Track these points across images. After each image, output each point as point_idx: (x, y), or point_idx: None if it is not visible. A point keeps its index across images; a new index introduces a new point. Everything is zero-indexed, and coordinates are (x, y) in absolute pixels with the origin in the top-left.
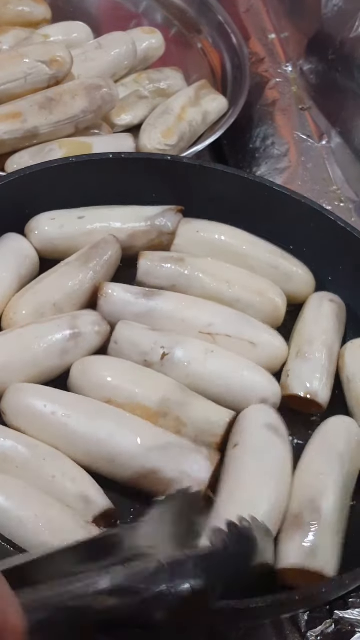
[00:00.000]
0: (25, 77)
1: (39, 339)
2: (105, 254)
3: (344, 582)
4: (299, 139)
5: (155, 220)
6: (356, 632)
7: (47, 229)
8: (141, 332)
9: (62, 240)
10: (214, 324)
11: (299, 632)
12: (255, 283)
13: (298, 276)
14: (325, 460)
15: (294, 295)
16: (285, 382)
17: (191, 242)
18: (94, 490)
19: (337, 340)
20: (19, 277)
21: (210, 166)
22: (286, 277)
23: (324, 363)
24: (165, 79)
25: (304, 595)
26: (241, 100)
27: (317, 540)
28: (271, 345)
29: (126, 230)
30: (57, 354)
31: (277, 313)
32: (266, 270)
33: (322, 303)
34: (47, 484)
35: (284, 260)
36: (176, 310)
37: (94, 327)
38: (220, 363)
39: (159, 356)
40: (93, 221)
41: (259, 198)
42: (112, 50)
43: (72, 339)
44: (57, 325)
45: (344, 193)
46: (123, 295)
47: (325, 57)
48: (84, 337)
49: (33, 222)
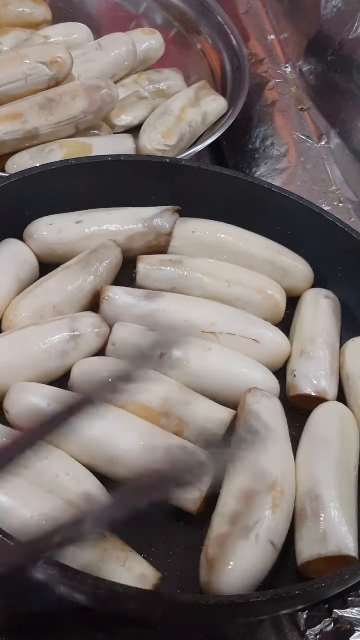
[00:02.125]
0: (26, 78)
1: (40, 341)
2: (105, 258)
3: (343, 577)
4: (298, 140)
5: (153, 221)
6: (355, 630)
7: (46, 234)
8: (138, 332)
9: (60, 245)
10: (216, 323)
11: (298, 631)
12: (255, 281)
13: (296, 270)
14: (315, 448)
15: (293, 289)
16: (293, 382)
17: (188, 242)
18: (97, 489)
19: (337, 336)
20: (18, 281)
21: (208, 168)
22: (284, 271)
23: (329, 360)
24: (165, 79)
25: (303, 590)
26: (241, 101)
27: (325, 526)
28: (274, 342)
29: (124, 233)
30: (57, 355)
31: (278, 309)
32: (264, 266)
33: (318, 300)
34: (50, 483)
35: (281, 255)
36: (179, 311)
37: (93, 329)
38: (220, 361)
39: (157, 356)
40: (91, 225)
41: (258, 199)
42: (112, 51)
43: (72, 340)
44: (57, 327)
45: (343, 193)
46: (125, 298)
47: (325, 58)
48: (84, 338)
49: (31, 227)
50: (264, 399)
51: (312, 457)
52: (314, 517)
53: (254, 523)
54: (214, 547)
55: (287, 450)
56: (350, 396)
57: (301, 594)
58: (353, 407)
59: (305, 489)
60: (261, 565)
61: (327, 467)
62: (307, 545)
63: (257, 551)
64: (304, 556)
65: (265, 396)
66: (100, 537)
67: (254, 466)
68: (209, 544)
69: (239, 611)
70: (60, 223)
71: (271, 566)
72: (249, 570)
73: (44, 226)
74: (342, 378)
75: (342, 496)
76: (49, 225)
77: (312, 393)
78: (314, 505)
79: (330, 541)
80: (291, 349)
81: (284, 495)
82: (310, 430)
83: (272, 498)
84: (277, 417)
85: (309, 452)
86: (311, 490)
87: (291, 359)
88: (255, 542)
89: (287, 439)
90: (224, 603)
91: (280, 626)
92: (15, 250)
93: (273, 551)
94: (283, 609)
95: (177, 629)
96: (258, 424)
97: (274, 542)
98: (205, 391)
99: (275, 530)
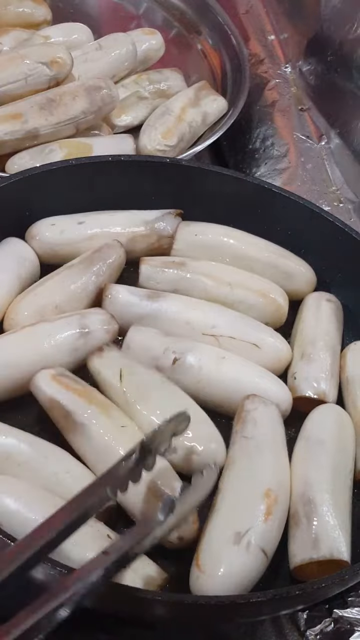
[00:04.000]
0: (26, 78)
1: (49, 337)
2: (108, 257)
3: (343, 577)
4: (298, 140)
5: (155, 224)
6: (355, 630)
7: (48, 234)
8: (153, 336)
9: (62, 246)
10: (217, 326)
11: (298, 631)
12: (257, 284)
13: (299, 273)
14: (310, 451)
15: (295, 292)
16: (293, 384)
17: (190, 245)
18: None
19: (338, 339)
20: (19, 279)
21: (208, 168)
22: (286, 275)
23: (329, 363)
24: (165, 79)
25: (303, 590)
26: (241, 101)
27: (317, 529)
28: (275, 347)
29: (126, 235)
30: (67, 352)
31: (280, 313)
32: (266, 270)
33: (320, 303)
34: (49, 481)
35: (284, 258)
36: (180, 312)
37: (103, 325)
38: (232, 369)
39: (170, 361)
40: (93, 226)
41: (257, 199)
42: (112, 51)
43: (82, 337)
44: (67, 323)
45: (343, 193)
46: (128, 297)
47: (325, 58)
48: (94, 335)
49: (34, 228)
50: (261, 406)
51: (306, 460)
52: (306, 521)
53: (246, 530)
54: (204, 553)
55: (282, 457)
56: (348, 399)
57: (301, 594)
58: (351, 409)
59: (298, 492)
60: (252, 573)
61: (322, 471)
62: (300, 549)
63: (248, 559)
64: (296, 560)
65: (263, 403)
66: None
67: (248, 473)
68: (200, 549)
69: (239, 611)
70: (63, 224)
71: (261, 574)
72: (239, 577)
73: (46, 227)
74: (342, 381)
75: (336, 500)
76: (51, 226)
77: (312, 395)
78: (306, 509)
79: (322, 545)
80: (292, 351)
81: (277, 503)
82: (306, 433)
83: (266, 506)
84: (274, 424)
85: (304, 455)
86: (304, 493)
87: (292, 362)
88: (246, 549)
89: (283, 447)
90: (224, 603)
91: (280, 626)
92: (16, 249)
93: (264, 559)
94: (283, 609)
95: (177, 629)
96: (255, 431)
97: (265, 550)
98: (215, 397)
99: (267, 538)
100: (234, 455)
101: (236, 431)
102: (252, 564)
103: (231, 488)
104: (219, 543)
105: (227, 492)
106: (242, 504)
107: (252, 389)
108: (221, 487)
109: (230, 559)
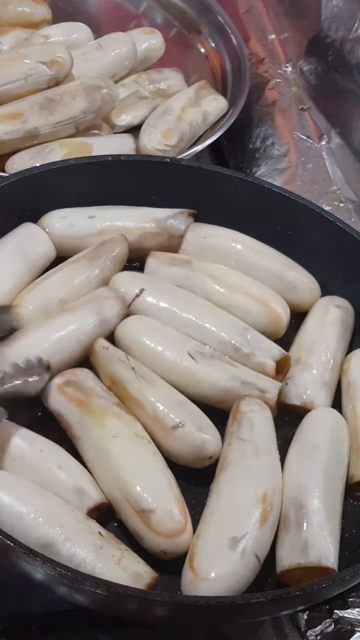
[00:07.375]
0: (26, 78)
1: (74, 326)
2: (112, 251)
3: (344, 577)
4: (298, 139)
5: (167, 222)
6: (356, 631)
7: (58, 226)
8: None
9: (70, 239)
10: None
11: (298, 632)
12: (259, 292)
13: (302, 285)
14: (304, 455)
15: (299, 304)
16: (284, 389)
17: (198, 247)
18: (89, 483)
19: (340, 346)
20: (31, 269)
21: (208, 168)
22: (290, 286)
23: (321, 370)
24: (165, 79)
25: (304, 591)
26: (241, 101)
27: (307, 535)
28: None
29: (136, 231)
30: (86, 340)
31: (278, 323)
32: (270, 279)
33: (327, 309)
34: (43, 476)
35: (290, 269)
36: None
37: (118, 311)
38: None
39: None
40: (103, 221)
41: (258, 199)
42: (112, 50)
43: (100, 326)
44: (89, 311)
45: (344, 193)
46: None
47: (325, 58)
48: (109, 322)
49: (45, 219)
50: (257, 407)
51: (299, 464)
52: (296, 525)
53: (242, 535)
54: (199, 556)
55: (277, 462)
56: (347, 403)
57: (301, 595)
58: (349, 414)
59: (290, 496)
60: (245, 578)
61: (314, 476)
62: (288, 553)
63: (242, 564)
64: (284, 563)
65: (259, 404)
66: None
67: (245, 476)
68: (195, 552)
69: (239, 611)
70: (73, 217)
71: (253, 579)
72: (233, 581)
73: (56, 219)
74: (343, 385)
75: (327, 506)
76: (62, 218)
77: (298, 403)
78: (298, 514)
79: (310, 551)
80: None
81: (272, 509)
82: (300, 436)
83: (262, 511)
84: (269, 427)
85: (297, 459)
86: (296, 497)
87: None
88: (241, 555)
89: (276, 450)
90: (224, 603)
91: (280, 627)
92: (31, 234)
93: (257, 564)
94: (283, 609)
95: (177, 629)
96: (251, 434)
97: (259, 556)
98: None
99: (261, 543)
100: (230, 457)
101: (231, 432)
102: (246, 569)
103: (227, 491)
104: (215, 547)
105: (223, 495)
106: (238, 508)
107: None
108: (216, 489)
109: (226, 563)
